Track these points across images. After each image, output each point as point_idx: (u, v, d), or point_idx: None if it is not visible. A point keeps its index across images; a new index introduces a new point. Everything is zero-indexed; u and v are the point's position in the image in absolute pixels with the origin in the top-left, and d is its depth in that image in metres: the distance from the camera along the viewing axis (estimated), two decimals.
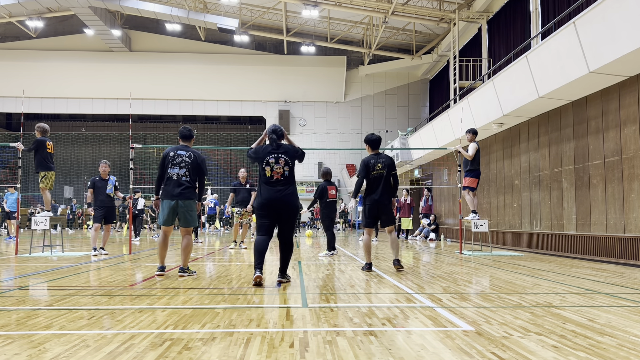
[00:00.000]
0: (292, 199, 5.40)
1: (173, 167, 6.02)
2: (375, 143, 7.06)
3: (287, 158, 5.45)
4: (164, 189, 6.05)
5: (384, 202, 6.83)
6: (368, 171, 6.89)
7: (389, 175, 6.89)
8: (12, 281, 5.88)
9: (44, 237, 10.16)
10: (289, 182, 5.44)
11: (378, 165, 6.86)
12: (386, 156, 7.00)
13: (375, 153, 7.06)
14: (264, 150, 5.48)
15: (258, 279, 5.21)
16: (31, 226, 9.45)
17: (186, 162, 6.05)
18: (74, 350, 2.77)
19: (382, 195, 6.82)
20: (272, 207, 5.34)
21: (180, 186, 5.99)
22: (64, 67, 31.46)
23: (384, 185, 6.84)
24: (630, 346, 2.90)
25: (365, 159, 6.99)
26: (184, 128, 6.36)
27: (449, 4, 21.30)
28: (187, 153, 6.10)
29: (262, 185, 5.41)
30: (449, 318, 3.67)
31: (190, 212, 6.06)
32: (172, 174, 6.02)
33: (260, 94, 32.69)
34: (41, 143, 8.88)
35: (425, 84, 32.48)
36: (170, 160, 6.04)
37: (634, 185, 8.28)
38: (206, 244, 13.83)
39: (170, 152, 6.10)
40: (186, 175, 6.04)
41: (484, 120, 12.40)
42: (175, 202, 5.98)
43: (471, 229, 10.28)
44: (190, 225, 6.14)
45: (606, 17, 7.53)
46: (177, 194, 5.96)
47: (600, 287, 5.36)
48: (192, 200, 6.10)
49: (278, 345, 2.89)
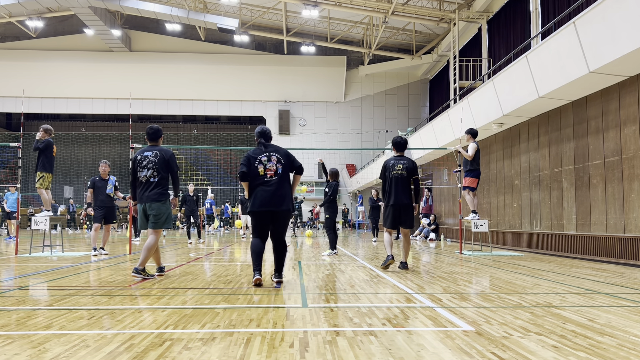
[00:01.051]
0: (287, 200, 5.29)
1: (141, 170, 5.95)
2: (400, 146, 7.15)
3: (278, 156, 5.36)
4: (137, 192, 6.00)
5: (405, 203, 6.83)
6: (387, 171, 6.95)
7: (409, 179, 6.88)
8: (12, 281, 5.88)
9: (43, 237, 10.15)
10: (284, 180, 5.33)
11: (398, 166, 6.91)
12: (409, 160, 7.03)
13: (399, 155, 7.12)
14: (254, 152, 5.40)
15: (258, 281, 5.19)
16: (31, 226, 9.45)
17: (153, 162, 5.94)
18: (74, 350, 2.77)
19: (401, 197, 6.82)
20: (267, 207, 5.22)
21: (148, 188, 5.90)
22: (64, 67, 31.47)
23: (402, 186, 6.84)
24: (630, 346, 2.90)
25: (386, 161, 7.11)
26: (149, 128, 6.19)
27: (449, 4, 21.30)
28: (152, 153, 5.99)
29: (256, 186, 5.29)
30: (449, 318, 3.67)
31: (159, 214, 5.91)
32: (140, 177, 5.95)
33: (260, 94, 32.70)
34: (49, 144, 8.93)
35: (425, 84, 32.48)
36: (138, 164, 5.97)
37: (634, 185, 8.28)
38: (206, 244, 13.82)
39: (137, 155, 6.03)
40: (154, 175, 5.92)
41: (484, 120, 12.40)
42: (144, 205, 5.91)
43: (471, 229, 10.28)
44: (157, 227, 5.97)
45: (606, 17, 7.53)
46: (145, 197, 5.89)
47: (600, 287, 5.36)
48: (161, 202, 5.93)
49: (278, 345, 2.89)
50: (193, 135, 36.96)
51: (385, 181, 6.99)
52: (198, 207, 14.30)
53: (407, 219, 6.90)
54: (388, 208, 6.93)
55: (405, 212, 6.86)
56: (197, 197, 14.17)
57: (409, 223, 6.96)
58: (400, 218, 6.90)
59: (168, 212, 6.03)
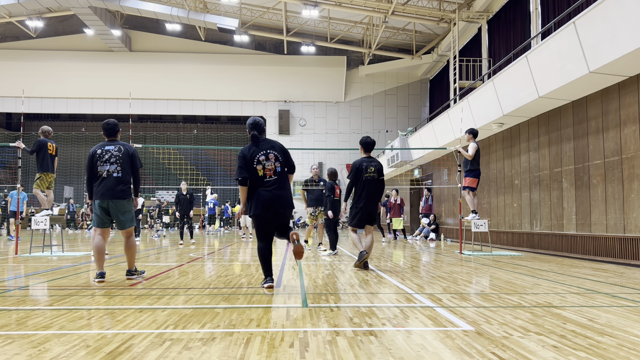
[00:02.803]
0: (289, 200, 5.12)
1: (103, 164, 5.57)
2: (369, 146, 7.23)
3: (275, 153, 5.10)
4: (95, 189, 5.58)
5: (374, 205, 7.11)
6: (360, 174, 7.04)
7: (379, 180, 7.09)
8: (12, 281, 5.88)
9: (43, 237, 10.16)
10: (284, 179, 5.10)
11: (370, 168, 7.04)
12: (378, 161, 7.19)
13: (367, 156, 7.22)
14: (250, 151, 5.07)
15: (270, 288, 5.00)
16: (31, 226, 9.45)
17: (116, 157, 5.60)
18: (74, 350, 2.77)
19: (373, 200, 7.08)
20: (270, 209, 4.99)
21: (111, 183, 5.51)
22: (64, 67, 31.46)
23: (375, 189, 7.05)
24: (630, 346, 2.90)
25: (357, 162, 7.15)
26: (106, 123, 5.83)
27: (449, 4, 21.30)
28: (115, 147, 5.66)
29: (256, 187, 5.00)
30: (449, 318, 3.67)
31: (123, 212, 5.60)
32: (102, 172, 5.55)
33: (260, 94, 32.69)
34: (42, 144, 8.89)
35: (425, 84, 32.48)
36: (98, 157, 5.59)
37: (634, 185, 8.28)
38: (206, 244, 13.82)
39: (97, 149, 5.65)
40: (118, 171, 5.57)
41: (484, 120, 12.40)
42: (106, 202, 5.53)
43: (471, 229, 10.28)
44: (126, 227, 5.67)
45: (606, 17, 7.53)
46: (109, 193, 5.50)
47: (600, 287, 5.36)
48: (126, 200, 5.62)
49: (278, 345, 2.89)
50: (193, 135, 36.96)
51: (357, 182, 7.08)
52: (192, 206, 13.61)
53: (373, 218, 7.23)
54: (359, 209, 7.07)
55: (374, 212, 7.19)
56: (191, 195, 13.36)
57: (374, 221, 7.30)
58: (370, 218, 7.14)
59: (132, 209, 5.76)
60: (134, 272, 5.90)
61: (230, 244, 14.03)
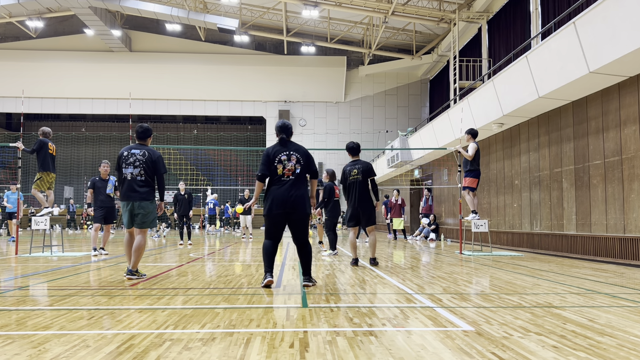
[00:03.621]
0: (303, 201, 5.10)
1: (127, 166, 5.82)
2: (353, 150, 7.61)
3: (298, 155, 5.18)
4: (121, 190, 5.88)
5: (362, 205, 7.36)
6: (345, 178, 7.49)
7: (366, 181, 7.38)
8: (12, 281, 5.88)
9: (43, 237, 10.16)
10: (300, 181, 5.14)
11: (354, 171, 7.42)
12: (364, 163, 7.51)
13: (353, 160, 7.60)
14: (274, 150, 5.20)
15: (269, 282, 5.09)
16: (31, 226, 9.45)
17: (140, 161, 5.84)
18: (74, 351, 2.77)
19: (359, 200, 7.35)
20: (282, 209, 5.04)
21: (135, 186, 5.78)
22: (64, 67, 31.47)
23: (359, 190, 7.36)
24: (630, 346, 2.90)
25: (344, 167, 7.59)
26: (139, 126, 6.15)
27: (449, 4, 21.30)
28: (141, 151, 5.91)
29: (272, 186, 5.12)
30: (449, 318, 3.67)
31: (146, 214, 5.82)
32: (126, 174, 5.82)
33: (260, 94, 32.70)
34: (43, 143, 8.92)
35: (425, 84, 32.48)
36: (124, 160, 5.86)
37: (634, 185, 8.28)
38: (206, 245, 13.82)
39: (124, 151, 5.92)
40: (141, 174, 5.82)
41: (484, 120, 12.40)
42: (131, 203, 5.79)
43: (471, 229, 10.28)
44: (145, 226, 5.87)
45: (606, 17, 7.53)
46: (132, 195, 5.77)
47: (600, 287, 5.36)
48: (149, 201, 5.85)
49: (278, 346, 2.89)
50: (193, 135, 36.97)
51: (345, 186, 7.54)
52: (191, 207, 13.57)
53: (367, 218, 7.46)
54: (349, 211, 7.51)
55: (364, 212, 7.41)
56: (189, 195, 13.22)
57: (371, 221, 7.52)
58: (361, 218, 7.47)
59: (155, 212, 5.96)
60: (135, 272, 5.91)
61: (230, 244, 14.03)
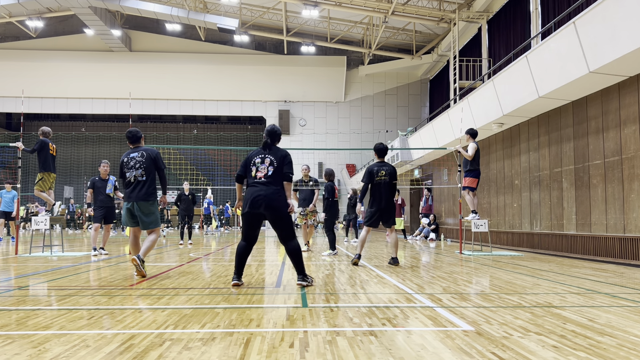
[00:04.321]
0: (276, 196, 5.10)
1: (129, 170, 6.11)
2: (382, 152, 7.80)
3: (272, 158, 5.26)
4: (125, 193, 6.15)
5: (388, 205, 7.55)
6: (372, 178, 7.62)
7: (391, 183, 7.58)
8: (12, 281, 5.88)
9: (43, 237, 10.16)
10: (273, 183, 5.17)
11: (381, 172, 7.58)
12: (390, 165, 7.71)
13: (380, 161, 7.80)
14: (252, 153, 5.40)
15: (235, 285, 5.19)
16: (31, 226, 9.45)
17: (140, 162, 6.11)
18: (74, 350, 2.77)
19: (385, 200, 7.54)
20: (252, 208, 5.10)
21: (137, 187, 6.03)
22: (64, 67, 31.47)
23: (386, 191, 7.55)
24: (630, 346, 2.90)
25: (370, 167, 7.74)
26: (129, 132, 6.36)
27: (449, 4, 21.30)
28: (139, 154, 6.16)
29: (248, 186, 5.29)
30: (449, 318, 3.67)
31: (147, 214, 6.05)
32: (129, 177, 6.10)
33: (260, 94, 32.69)
34: (44, 144, 8.94)
35: (425, 84, 32.48)
36: (125, 165, 6.15)
37: (634, 185, 8.28)
38: (206, 245, 13.82)
39: (124, 158, 6.20)
40: (142, 175, 6.08)
41: (484, 120, 12.40)
42: (132, 204, 6.02)
43: (471, 229, 10.28)
44: (148, 227, 6.09)
45: (606, 17, 7.53)
46: (134, 196, 6.02)
47: (600, 287, 5.36)
48: (149, 202, 6.07)
49: (278, 345, 2.89)
50: (193, 135, 36.96)
51: (371, 186, 7.68)
52: (194, 207, 13.49)
53: (389, 218, 7.66)
54: (373, 210, 7.61)
55: (388, 213, 7.60)
56: (192, 196, 13.35)
57: (392, 221, 7.73)
58: (384, 218, 7.63)
59: (156, 211, 6.17)
60: (143, 261, 5.98)
61: (230, 244, 14.03)
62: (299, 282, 5.24)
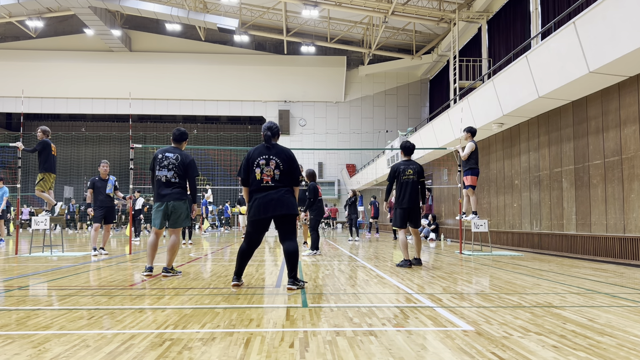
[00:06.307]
0: (285, 204, 4.91)
1: (161, 169, 6.04)
2: (408, 150, 7.63)
3: (278, 160, 4.98)
4: (155, 192, 6.08)
5: (414, 206, 7.37)
6: (398, 176, 7.45)
7: (419, 182, 7.41)
8: (12, 281, 5.88)
9: (43, 237, 10.16)
10: (282, 185, 4.97)
11: (409, 170, 7.42)
12: (417, 164, 7.51)
13: (407, 159, 7.61)
14: (255, 151, 5.07)
15: (235, 286, 5.16)
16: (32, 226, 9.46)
17: (173, 164, 6.05)
18: (74, 350, 2.77)
19: (412, 201, 7.35)
20: (266, 213, 4.89)
21: (169, 188, 6.00)
22: (64, 67, 31.47)
23: (413, 189, 7.36)
24: (630, 346, 2.90)
25: (395, 165, 7.58)
26: (177, 130, 6.34)
27: (449, 4, 21.30)
28: (174, 155, 6.10)
29: (253, 192, 5.00)
30: (449, 318, 3.67)
31: (179, 213, 6.06)
32: (160, 177, 6.03)
33: (260, 94, 32.70)
34: (46, 144, 8.95)
35: (425, 84, 32.49)
36: (158, 162, 6.07)
37: (634, 185, 8.28)
38: (205, 245, 13.82)
39: (158, 154, 6.12)
40: (175, 177, 6.05)
41: (484, 120, 12.40)
42: (165, 204, 6.01)
43: (471, 229, 10.28)
44: (179, 226, 6.13)
45: (606, 17, 7.53)
46: (166, 195, 5.99)
47: (600, 287, 5.36)
48: (182, 202, 6.08)
49: (278, 345, 2.89)
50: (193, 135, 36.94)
51: (396, 184, 7.49)
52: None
53: (415, 218, 7.48)
54: (399, 210, 7.43)
55: (414, 213, 7.43)
56: None
57: (417, 222, 7.53)
58: (410, 218, 7.45)
59: (187, 211, 6.16)
60: (170, 270, 6.12)
61: (229, 243, 14.03)
62: (289, 285, 4.89)
